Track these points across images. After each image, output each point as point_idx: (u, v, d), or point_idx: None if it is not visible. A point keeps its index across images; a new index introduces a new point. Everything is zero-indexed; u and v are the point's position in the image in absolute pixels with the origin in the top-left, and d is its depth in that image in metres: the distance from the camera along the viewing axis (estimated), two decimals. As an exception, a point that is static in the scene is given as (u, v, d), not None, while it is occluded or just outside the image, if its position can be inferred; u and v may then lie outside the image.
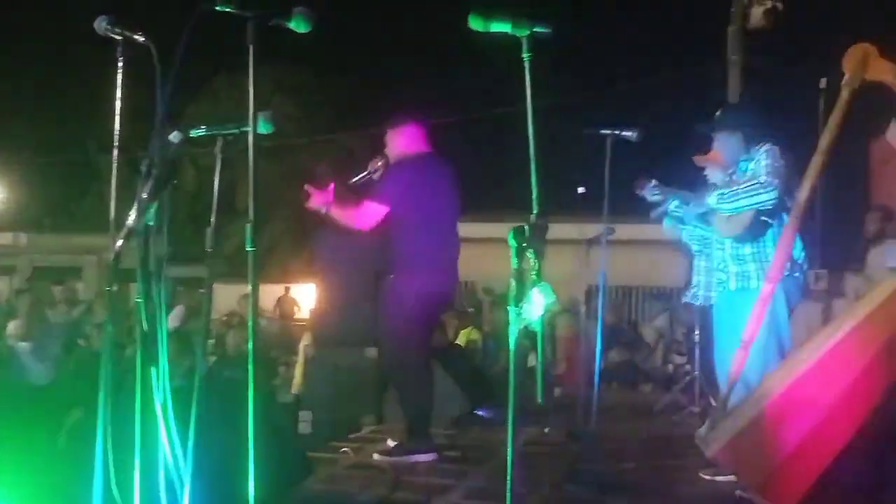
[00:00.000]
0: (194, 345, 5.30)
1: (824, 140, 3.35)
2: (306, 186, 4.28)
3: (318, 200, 4.22)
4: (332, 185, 4.28)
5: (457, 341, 8.34)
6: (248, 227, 2.04)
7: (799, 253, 4.02)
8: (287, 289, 13.55)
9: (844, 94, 3.24)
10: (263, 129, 2.48)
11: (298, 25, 2.25)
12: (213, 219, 2.66)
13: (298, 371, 6.38)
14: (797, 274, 4.02)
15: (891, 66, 3.11)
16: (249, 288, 2.09)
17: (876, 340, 3.06)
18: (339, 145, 17.77)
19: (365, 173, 4.40)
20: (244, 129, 2.38)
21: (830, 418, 3.06)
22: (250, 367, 2.09)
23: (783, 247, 3.54)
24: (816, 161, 3.36)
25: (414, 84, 17.90)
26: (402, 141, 4.35)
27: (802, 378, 3.14)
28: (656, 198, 4.73)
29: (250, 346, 2.12)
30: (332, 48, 18.90)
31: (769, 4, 9.11)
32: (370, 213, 4.24)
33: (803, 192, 3.48)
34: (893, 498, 3.26)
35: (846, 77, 3.23)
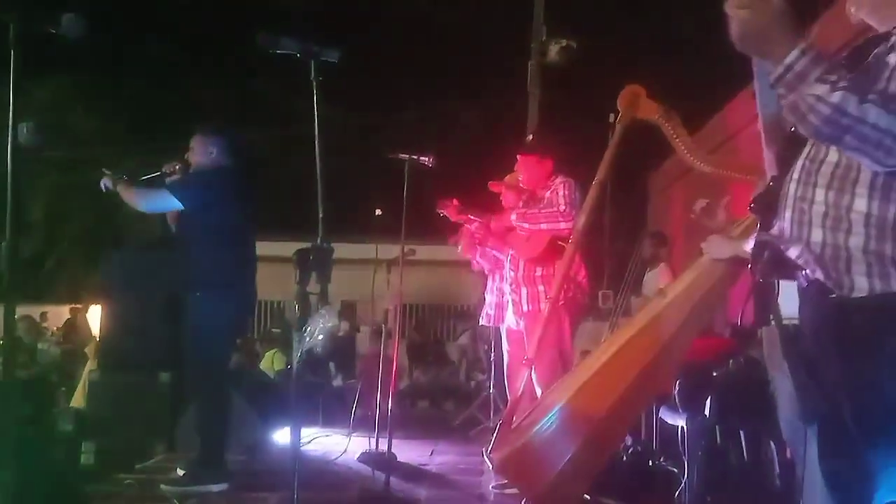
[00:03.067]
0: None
1: (600, 173, 3.64)
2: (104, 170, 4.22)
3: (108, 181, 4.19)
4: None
5: (261, 364, 8.14)
6: (3, 245, 1.89)
7: (581, 275, 4.31)
8: (73, 309, 12.58)
9: (617, 131, 3.53)
10: (28, 141, 2.30)
11: (69, 31, 2.12)
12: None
13: (79, 397, 5.94)
14: (579, 295, 4.30)
15: (657, 106, 3.42)
16: (3, 310, 1.93)
17: (643, 357, 3.33)
18: (138, 157, 16.85)
19: (156, 173, 4.25)
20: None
21: (604, 428, 3.30)
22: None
23: (563, 270, 3.79)
24: (592, 192, 3.64)
25: (213, 97, 17.40)
26: (206, 150, 4.22)
27: (579, 392, 3.35)
28: (461, 218, 4.91)
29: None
30: (131, 57, 17.94)
31: (564, 43, 9.77)
32: (161, 201, 4.14)
33: (581, 220, 3.76)
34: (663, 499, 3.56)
35: (619, 115, 3.53)
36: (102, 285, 5.63)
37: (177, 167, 4.26)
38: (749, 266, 1.87)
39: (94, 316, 12.44)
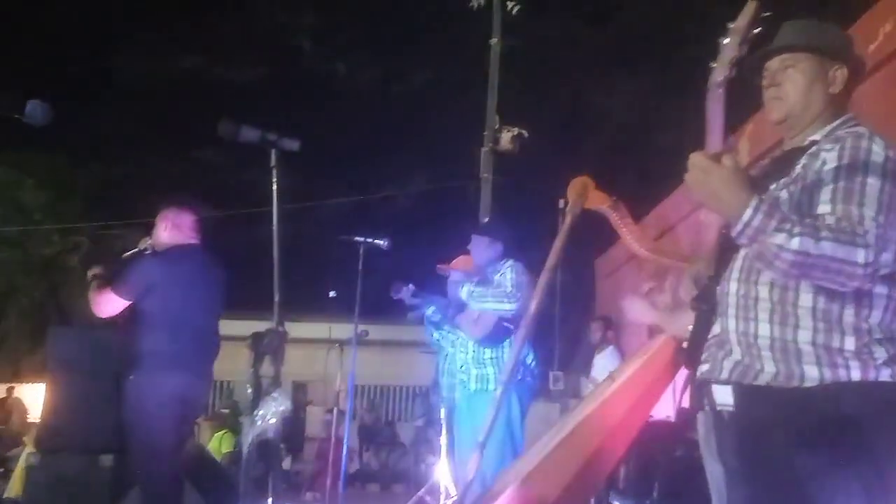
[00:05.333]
0: None
1: (550, 259, 3.75)
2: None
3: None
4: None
5: (209, 444, 7.95)
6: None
7: (531, 359, 4.38)
8: (10, 389, 12.14)
9: (568, 219, 3.67)
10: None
11: (33, 118, 2.18)
12: None
13: (16, 481, 5.72)
14: (529, 378, 4.36)
15: (604, 197, 3.57)
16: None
17: (592, 440, 3.38)
18: (89, 235, 16.65)
19: (134, 250, 4.23)
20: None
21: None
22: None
23: (514, 353, 3.86)
24: (543, 278, 3.75)
25: (167, 175, 17.47)
26: (169, 228, 4.21)
27: (532, 473, 3.37)
28: (415, 301, 4.96)
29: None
30: (86, 136, 17.94)
31: (515, 131, 10.12)
32: (109, 303, 4.07)
33: (533, 305, 3.85)
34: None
35: (569, 205, 3.67)
36: (46, 363, 5.49)
37: (149, 241, 4.25)
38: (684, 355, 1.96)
39: (29, 395, 12.05)
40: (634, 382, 3.35)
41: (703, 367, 1.92)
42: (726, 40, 1.79)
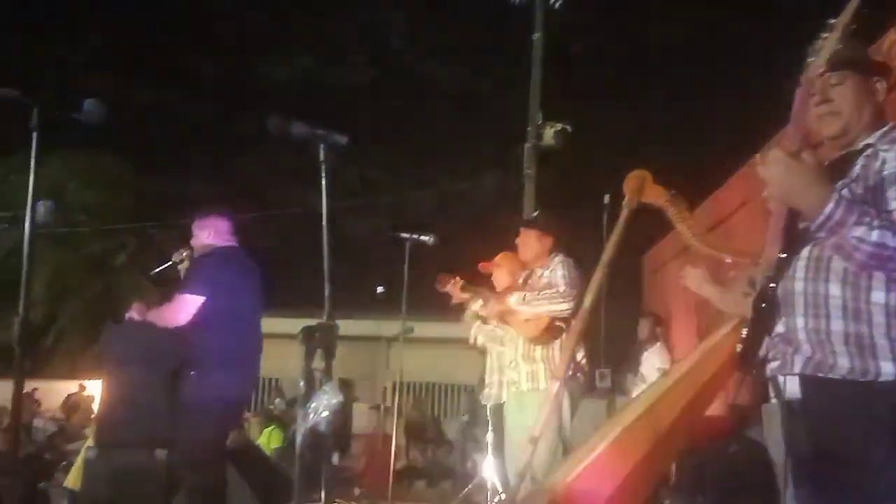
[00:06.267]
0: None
1: (606, 254, 3.70)
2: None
3: (137, 313, 4.29)
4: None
5: (258, 440, 8.06)
6: (17, 322, 1.93)
7: (581, 356, 4.33)
8: (82, 386, 12.48)
9: (624, 213, 3.61)
10: (43, 216, 2.37)
11: (90, 117, 2.22)
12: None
13: (75, 474, 5.86)
14: (579, 374, 4.32)
15: (662, 191, 3.51)
16: (13, 384, 1.97)
17: (646, 439, 3.34)
18: (142, 235, 17.00)
19: (167, 264, 4.30)
20: (20, 214, 2.27)
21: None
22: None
23: (568, 349, 3.82)
24: (599, 273, 3.69)
25: (217, 177, 17.76)
26: (208, 233, 4.29)
27: (584, 471, 3.34)
28: (462, 296, 4.93)
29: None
30: (135, 135, 18.34)
31: (559, 126, 10.05)
32: (186, 307, 4.12)
33: (588, 300, 3.80)
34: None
35: (626, 199, 3.61)
36: (102, 360, 5.61)
37: (184, 254, 4.33)
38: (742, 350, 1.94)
39: (94, 391, 12.37)
40: (691, 381, 3.30)
41: (773, 365, 1.96)
42: (826, 35, 1.85)
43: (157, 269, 4.29)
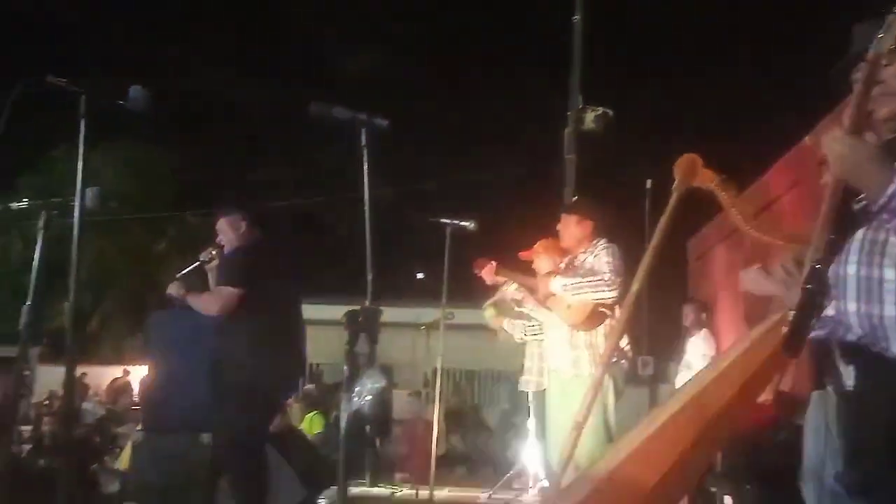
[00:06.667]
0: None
1: (655, 239, 3.63)
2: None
3: (175, 290, 4.30)
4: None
5: (300, 425, 8.14)
6: (67, 305, 1.96)
7: (625, 342, 4.28)
8: (126, 371, 12.78)
9: (673, 197, 3.54)
10: (91, 202, 2.40)
11: (135, 104, 2.24)
12: (30, 295, 2.51)
13: (124, 457, 5.99)
14: (623, 361, 4.27)
15: (713, 175, 3.44)
16: (65, 368, 2.00)
17: (695, 426, 3.29)
18: (181, 223, 17.29)
19: (196, 263, 4.36)
20: (69, 201, 2.30)
21: (655, 496, 3.24)
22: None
23: (614, 336, 3.77)
24: (647, 259, 3.63)
25: (258, 167, 17.92)
26: (233, 228, 4.35)
27: (629, 459, 3.31)
28: (497, 279, 4.90)
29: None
30: (177, 127, 18.58)
31: (600, 111, 9.90)
32: (226, 298, 4.17)
33: (636, 286, 3.74)
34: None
35: (676, 183, 3.54)
36: (147, 346, 5.72)
37: (213, 253, 4.37)
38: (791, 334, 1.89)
39: (138, 376, 12.67)
40: (740, 369, 3.24)
41: (822, 348, 1.92)
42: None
43: (185, 271, 4.34)
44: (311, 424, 8.12)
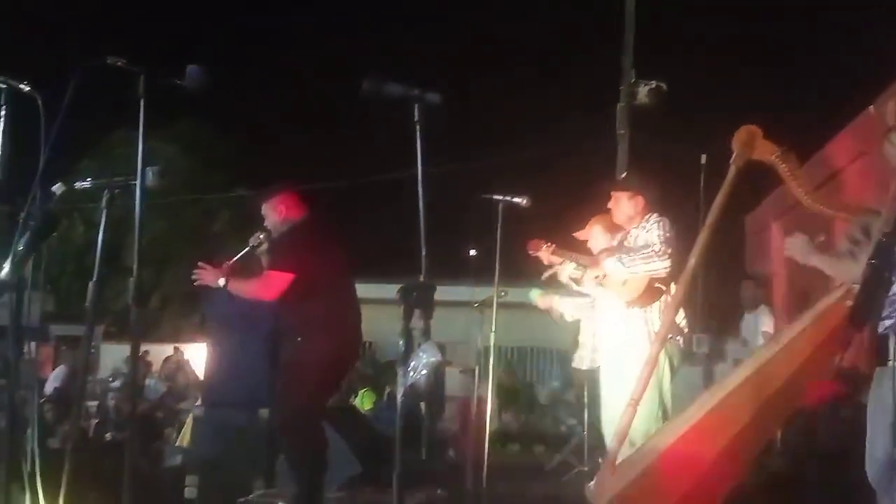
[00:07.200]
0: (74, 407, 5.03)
1: (713, 214, 3.55)
2: (200, 264, 4.32)
3: (210, 278, 4.26)
4: (226, 263, 4.32)
5: (353, 401, 8.25)
6: (132, 281, 2.01)
7: (681, 318, 4.22)
8: (176, 348, 13.11)
9: (732, 170, 3.46)
10: (152, 181, 2.45)
11: (192, 83, 2.26)
12: (95, 273, 2.57)
13: (186, 432, 6.15)
14: (678, 337, 4.21)
15: (773, 147, 3.35)
16: (130, 346, 2.05)
17: (754, 404, 3.24)
18: (237, 203, 17.57)
19: (246, 249, 4.40)
20: (131, 180, 2.35)
21: (712, 473, 3.20)
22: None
23: (671, 311, 3.72)
24: (705, 234, 3.56)
25: (310, 146, 18.04)
26: (281, 210, 4.37)
27: (685, 436, 3.27)
28: (554, 260, 4.86)
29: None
30: (232, 107, 18.82)
31: (653, 84, 9.72)
32: (275, 283, 4.20)
33: (692, 261, 3.68)
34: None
35: (734, 155, 3.45)
36: (205, 324, 5.84)
37: (261, 237, 4.40)
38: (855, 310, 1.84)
39: (193, 354, 13.01)
40: (801, 346, 3.16)
41: (887, 322, 1.91)
42: None
43: (237, 257, 4.38)
44: (362, 401, 8.23)
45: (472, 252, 6.65)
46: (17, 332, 2.01)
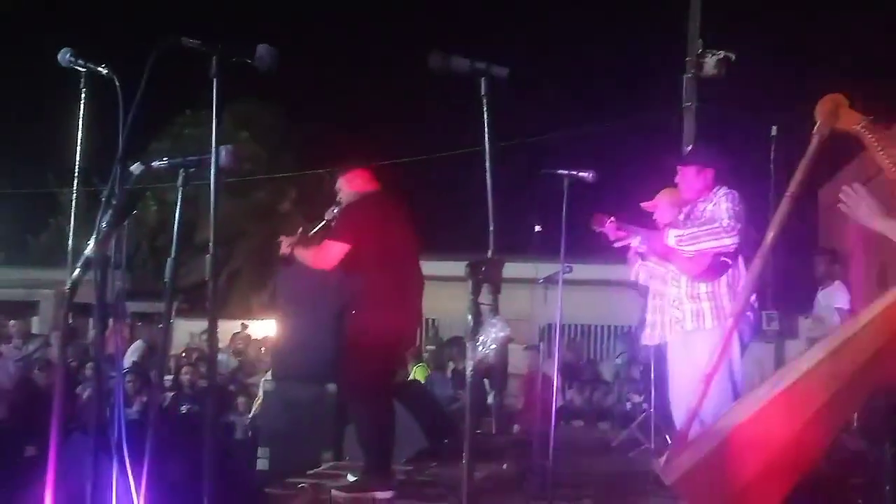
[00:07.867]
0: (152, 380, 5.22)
1: (793, 185, 3.43)
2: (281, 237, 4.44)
3: (285, 248, 4.39)
4: (300, 232, 4.43)
5: (411, 377, 8.34)
6: (209, 258, 2.06)
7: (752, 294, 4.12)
8: (244, 325, 13.42)
9: (814, 141, 3.34)
10: (225, 161, 2.49)
11: (262, 63, 2.28)
12: (173, 250, 2.64)
13: (257, 406, 6.33)
14: (749, 314, 4.11)
15: (859, 117, 3.23)
16: (208, 321, 2.10)
17: (830, 384, 3.15)
18: (305, 180, 17.82)
19: (322, 223, 4.47)
20: (206, 158, 2.39)
21: (786, 454, 3.13)
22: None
23: (749, 286, 3.64)
24: (784, 206, 3.44)
25: (376, 125, 18.11)
26: (352, 184, 4.43)
27: (760, 414, 3.20)
28: (619, 234, 4.79)
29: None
30: (299, 88, 19.03)
31: (721, 55, 9.44)
32: (331, 252, 4.28)
33: (770, 234, 3.57)
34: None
35: (817, 125, 3.33)
36: (275, 300, 5.97)
37: (335, 211, 4.47)
38: None
39: (258, 330, 13.31)
40: (882, 325, 3.06)
41: None
42: None
43: (314, 231, 4.47)
44: (414, 377, 8.29)
45: (537, 228, 6.58)
46: (102, 308, 2.08)
